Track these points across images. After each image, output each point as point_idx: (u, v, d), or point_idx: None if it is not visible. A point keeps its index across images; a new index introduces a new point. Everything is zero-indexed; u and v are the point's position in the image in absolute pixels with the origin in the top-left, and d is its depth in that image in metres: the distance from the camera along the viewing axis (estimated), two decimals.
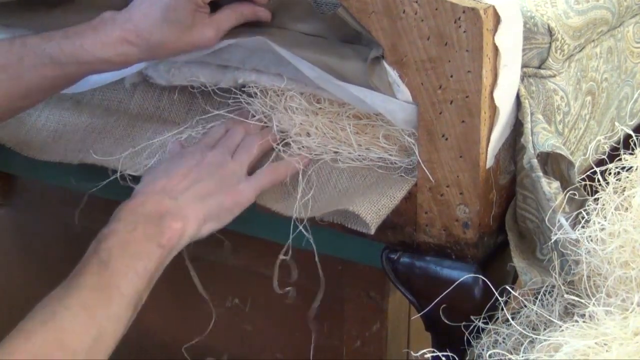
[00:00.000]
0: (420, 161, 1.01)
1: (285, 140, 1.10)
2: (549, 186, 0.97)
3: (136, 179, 1.13)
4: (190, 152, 1.08)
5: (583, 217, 0.95)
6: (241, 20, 1.09)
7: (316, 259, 1.07)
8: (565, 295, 0.93)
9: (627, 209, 0.95)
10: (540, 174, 0.97)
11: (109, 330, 0.92)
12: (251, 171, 1.08)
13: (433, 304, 1.00)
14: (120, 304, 0.94)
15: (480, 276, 1.00)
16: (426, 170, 1.01)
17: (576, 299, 0.92)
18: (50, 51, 1.06)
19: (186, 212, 1.01)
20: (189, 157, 1.07)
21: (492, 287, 0.98)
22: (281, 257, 1.07)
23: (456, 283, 1.00)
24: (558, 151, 0.98)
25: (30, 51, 1.06)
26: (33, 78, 1.07)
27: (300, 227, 1.04)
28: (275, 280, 1.12)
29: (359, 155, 1.06)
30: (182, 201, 1.02)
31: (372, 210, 1.01)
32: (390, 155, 1.04)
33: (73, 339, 0.89)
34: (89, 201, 1.23)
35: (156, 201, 1.01)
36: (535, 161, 0.98)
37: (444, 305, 1.01)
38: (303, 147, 1.09)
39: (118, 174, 1.13)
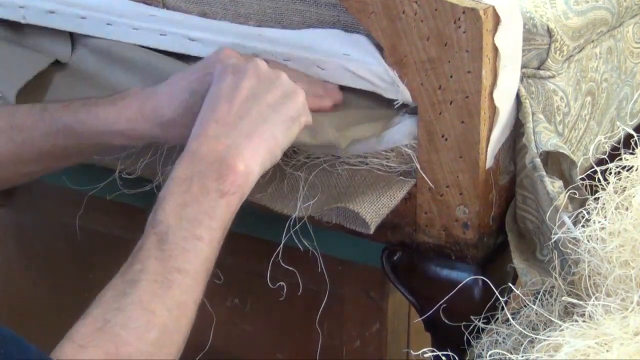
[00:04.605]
0: (420, 162, 1.01)
1: None
2: (552, 185, 0.97)
3: (134, 180, 1.13)
4: (233, 65, 0.95)
5: (583, 217, 0.95)
6: None
7: (319, 260, 1.07)
8: (564, 297, 0.93)
9: (627, 208, 0.95)
10: (544, 173, 0.97)
11: (172, 323, 0.84)
12: None
13: (435, 308, 1.00)
14: (184, 286, 0.85)
15: (480, 277, 1.00)
16: (426, 171, 1.01)
17: (576, 301, 0.92)
18: (66, 119, 1.02)
19: (245, 147, 0.90)
20: (233, 70, 0.95)
21: (492, 287, 0.98)
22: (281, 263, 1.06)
23: (458, 287, 1.00)
24: (561, 150, 0.98)
25: (48, 116, 1.03)
26: (45, 144, 1.03)
27: (298, 227, 1.04)
28: (267, 278, 1.12)
29: (358, 161, 1.06)
30: (238, 133, 0.91)
31: (371, 209, 1.01)
32: (388, 162, 1.04)
33: (130, 348, 0.81)
34: (88, 201, 1.23)
35: (209, 144, 0.90)
36: (538, 160, 0.98)
37: (444, 306, 1.01)
38: (303, 150, 1.09)
39: (116, 173, 1.13)
